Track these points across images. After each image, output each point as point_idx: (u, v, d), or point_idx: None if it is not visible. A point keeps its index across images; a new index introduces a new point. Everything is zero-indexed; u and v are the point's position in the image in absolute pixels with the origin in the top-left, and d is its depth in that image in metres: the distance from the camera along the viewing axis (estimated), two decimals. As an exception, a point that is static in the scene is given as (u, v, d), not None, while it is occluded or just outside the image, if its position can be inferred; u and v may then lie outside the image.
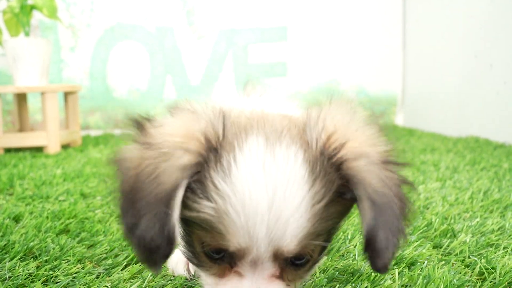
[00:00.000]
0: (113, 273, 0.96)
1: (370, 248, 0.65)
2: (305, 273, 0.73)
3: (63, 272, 0.95)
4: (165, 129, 0.67)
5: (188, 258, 0.75)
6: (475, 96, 3.06)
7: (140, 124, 0.69)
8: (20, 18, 2.76)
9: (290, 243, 0.64)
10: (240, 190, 0.62)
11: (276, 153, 0.65)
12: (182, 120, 0.68)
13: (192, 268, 0.94)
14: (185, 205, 0.65)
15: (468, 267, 0.99)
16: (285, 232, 0.63)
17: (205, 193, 0.64)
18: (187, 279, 0.92)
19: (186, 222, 0.68)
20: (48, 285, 0.90)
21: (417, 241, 1.13)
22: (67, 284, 0.90)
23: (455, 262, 1.01)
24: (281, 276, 0.69)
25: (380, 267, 0.66)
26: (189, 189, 0.64)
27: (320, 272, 0.94)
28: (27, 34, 2.79)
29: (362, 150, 0.67)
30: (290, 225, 0.63)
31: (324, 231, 0.68)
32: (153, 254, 0.63)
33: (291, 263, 0.69)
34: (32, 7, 2.78)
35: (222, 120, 0.68)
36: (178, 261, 0.96)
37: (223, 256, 0.68)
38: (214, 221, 0.63)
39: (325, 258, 0.97)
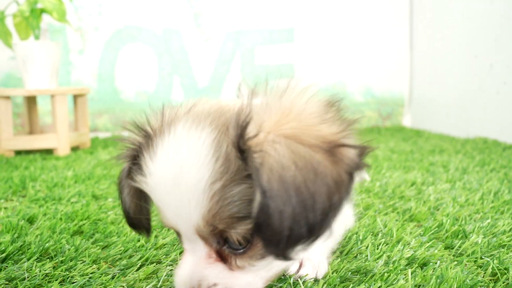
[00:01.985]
0: (128, 273, 0.97)
1: (261, 232, 0.64)
2: (256, 260, 0.74)
3: (79, 273, 0.96)
4: None
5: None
6: (484, 96, 3.05)
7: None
8: (30, 22, 2.78)
9: (198, 222, 0.68)
10: (158, 169, 0.70)
11: (190, 135, 0.69)
12: None
13: None
14: None
15: (480, 267, 0.99)
16: (190, 211, 0.67)
17: (141, 170, 0.74)
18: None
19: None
20: (64, 285, 0.91)
21: (428, 242, 1.13)
22: (84, 284, 0.91)
23: (467, 263, 1.02)
24: (224, 260, 0.73)
25: (277, 255, 0.67)
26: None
27: (333, 272, 0.95)
28: (37, 37, 2.82)
29: (269, 129, 0.66)
30: (191, 204, 0.67)
31: (242, 214, 0.67)
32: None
33: (232, 247, 0.72)
34: (42, 11, 2.80)
35: (161, 111, 0.78)
36: None
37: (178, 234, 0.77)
38: (151, 196, 0.74)
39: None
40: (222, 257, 0.73)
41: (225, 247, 0.72)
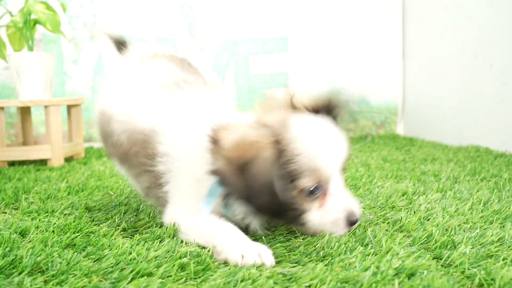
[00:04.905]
0: (119, 286, 0.98)
1: None
2: None
3: (70, 286, 0.97)
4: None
5: (291, 209, 1.17)
6: (476, 104, 3.08)
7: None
8: (23, 33, 2.80)
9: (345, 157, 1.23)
10: (331, 141, 1.22)
11: (325, 122, 1.25)
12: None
13: None
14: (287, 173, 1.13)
15: (468, 278, 1.00)
16: (343, 153, 1.22)
17: (296, 154, 1.12)
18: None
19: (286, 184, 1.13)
20: (56, 299, 0.92)
21: (417, 252, 1.14)
22: (75, 298, 0.92)
23: (454, 273, 1.03)
24: None
25: None
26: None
27: (321, 282, 0.96)
28: (30, 49, 2.83)
29: None
30: (345, 149, 1.23)
31: None
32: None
33: None
34: (36, 22, 2.81)
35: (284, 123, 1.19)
36: None
37: (315, 190, 1.17)
38: (308, 163, 1.13)
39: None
40: None
41: None
